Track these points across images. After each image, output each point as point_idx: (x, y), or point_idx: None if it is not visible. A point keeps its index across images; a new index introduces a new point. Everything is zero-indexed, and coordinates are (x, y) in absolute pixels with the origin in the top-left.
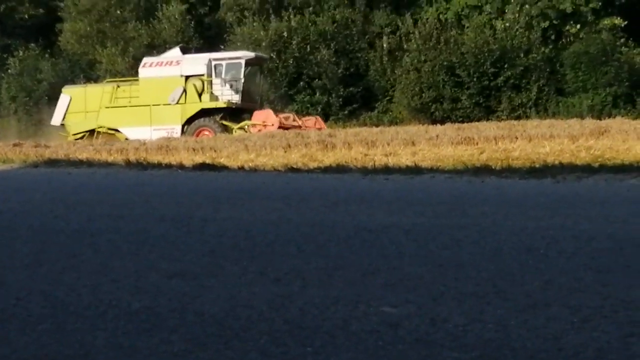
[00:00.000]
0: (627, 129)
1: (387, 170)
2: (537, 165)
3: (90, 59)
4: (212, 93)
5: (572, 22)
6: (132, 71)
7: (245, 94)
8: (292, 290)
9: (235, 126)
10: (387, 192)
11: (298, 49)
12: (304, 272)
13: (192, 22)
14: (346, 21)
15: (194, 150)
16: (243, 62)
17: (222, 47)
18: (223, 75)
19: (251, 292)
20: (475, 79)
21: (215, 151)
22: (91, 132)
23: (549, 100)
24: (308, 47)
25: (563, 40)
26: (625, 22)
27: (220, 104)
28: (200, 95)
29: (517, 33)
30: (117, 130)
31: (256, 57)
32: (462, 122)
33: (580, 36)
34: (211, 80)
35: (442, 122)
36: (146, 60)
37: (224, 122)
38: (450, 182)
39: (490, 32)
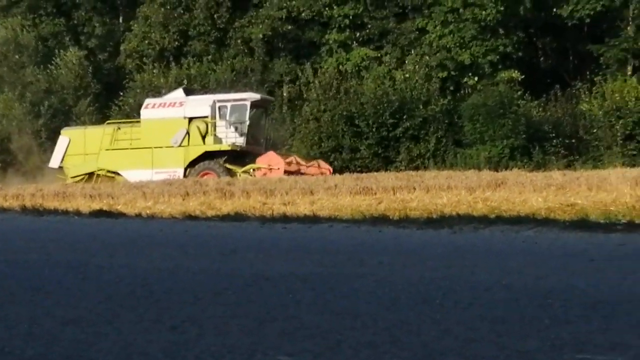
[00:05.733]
0: (524, 181)
1: (285, 219)
2: (435, 216)
3: None
4: (216, 135)
5: (470, 74)
6: (29, 116)
7: (250, 136)
8: (188, 338)
9: (239, 170)
10: (285, 241)
11: None
12: (200, 320)
13: (91, 68)
14: (245, 69)
15: (91, 196)
16: (248, 104)
17: (122, 94)
18: (227, 118)
19: (147, 339)
20: (374, 129)
21: (112, 198)
22: (90, 174)
23: (447, 151)
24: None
25: (461, 92)
26: (522, 76)
27: (225, 146)
28: (204, 137)
29: (417, 84)
30: (117, 173)
31: (262, 99)
32: (361, 172)
33: (478, 88)
34: (215, 123)
35: (341, 172)
36: (148, 101)
37: (228, 166)
38: (348, 232)
39: (389, 83)
